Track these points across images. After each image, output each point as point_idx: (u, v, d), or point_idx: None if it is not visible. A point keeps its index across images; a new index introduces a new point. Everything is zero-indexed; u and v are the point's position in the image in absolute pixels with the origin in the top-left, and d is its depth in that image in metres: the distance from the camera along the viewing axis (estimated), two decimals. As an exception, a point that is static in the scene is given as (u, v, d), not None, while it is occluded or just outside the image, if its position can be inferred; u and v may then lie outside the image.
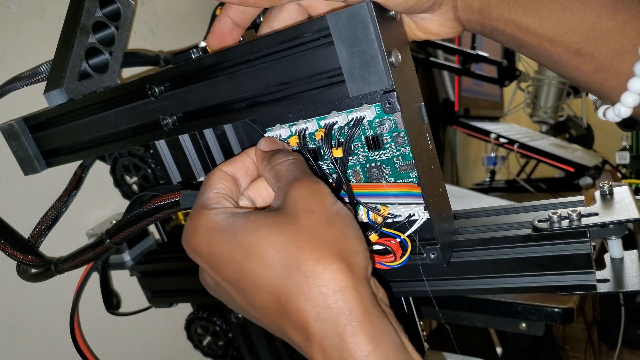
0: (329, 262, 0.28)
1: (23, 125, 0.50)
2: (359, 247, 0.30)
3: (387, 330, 0.28)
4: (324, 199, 0.30)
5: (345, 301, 0.27)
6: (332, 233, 0.29)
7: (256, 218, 0.30)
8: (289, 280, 0.28)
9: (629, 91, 0.31)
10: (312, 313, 0.27)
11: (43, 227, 0.56)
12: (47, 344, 0.58)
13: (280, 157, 0.33)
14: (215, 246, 0.30)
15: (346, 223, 0.30)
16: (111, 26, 0.52)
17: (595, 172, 1.31)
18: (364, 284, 0.28)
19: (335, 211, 0.30)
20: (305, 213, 0.29)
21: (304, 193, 0.30)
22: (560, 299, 0.68)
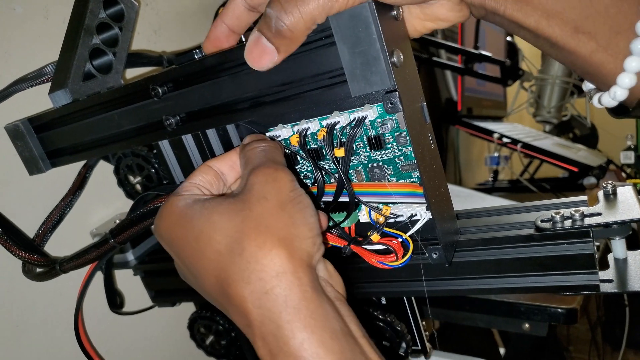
0: (269, 248, 0.28)
1: (28, 125, 0.50)
2: (306, 233, 0.30)
3: (326, 317, 0.28)
4: (281, 186, 0.30)
5: (282, 287, 0.27)
6: (280, 219, 0.29)
7: (211, 204, 0.30)
8: (232, 266, 0.28)
9: (625, 71, 0.32)
10: (250, 298, 0.28)
11: (48, 227, 0.56)
12: (51, 342, 0.58)
13: (253, 144, 0.34)
14: (174, 230, 0.31)
15: (299, 210, 0.30)
16: (115, 27, 0.52)
17: (599, 172, 1.31)
18: (305, 270, 0.28)
19: (290, 198, 0.30)
20: (258, 199, 0.29)
21: (262, 180, 0.30)
22: (564, 300, 0.68)
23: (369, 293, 0.44)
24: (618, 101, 0.33)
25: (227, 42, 0.38)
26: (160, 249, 0.64)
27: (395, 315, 0.53)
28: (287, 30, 0.30)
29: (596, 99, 0.35)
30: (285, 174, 0.31)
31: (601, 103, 0.35)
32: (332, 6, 0.29)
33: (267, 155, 0.33)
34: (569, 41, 0.32)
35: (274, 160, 0.32)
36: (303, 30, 0.30)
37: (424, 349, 0.53)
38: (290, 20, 0.29)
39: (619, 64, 0.32)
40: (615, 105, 0.34)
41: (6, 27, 0.54)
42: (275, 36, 0.31)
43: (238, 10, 0.36)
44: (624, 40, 0.31)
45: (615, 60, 0.32)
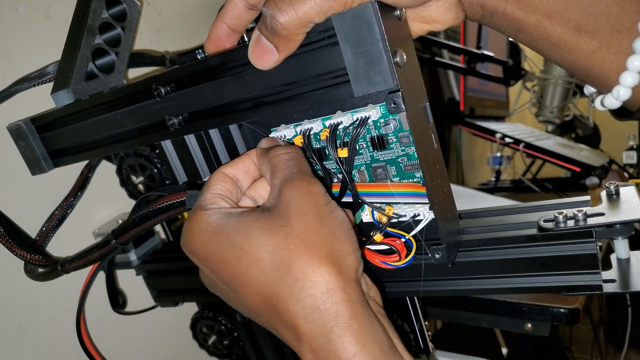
0: (317, 265, 0.28)
1: (30, 125, 0.50)
2: (349, 248, 0.30)
3: (375, 331, 0.28)
4: (317, 200, 0.30)
5: (333, 303, 0.28)
6: (322, 235, 0.29)
7: (248, 220, 0.30)
8: (280, 283, 0.29)
9: (628, 70, 0.31)
10: (301, 314, 0.28)
11: (50, 227, 0.56)
12: (53, 342, 0.59)
13: (278, 150, 0.33)
14: (209, 247, 0.31)
15: (338, 224, 0.30)
16: (117, 27, 0.52)
17: (601, 172, 1.31)
18: (352, 285, 0.29)
19: (327, 212, 0.30)
20: (297, 215, 0.29)
21: (298, 194, 0.30)
22: (566, 300, 0.68)
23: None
24: (621, 101, 0.33)
25: (229, 41, 0.38)
26: (163, 249, 0.64)
27: (398, 315, 0.53)
28: (282, 29, 0.30)
29: (598, 102, 0.35)
30: (318, 186, 0.31)
31: (604, 105, 0.34)
32: (330, 6, 0.29)
33: (297, 164, 0.32)
34: (571, 40, 0.32)
35: (304, 171, 0.32)
36: (298, 29, 0.30)
37: (427, 349, 0.53)
38: (285, 19, 0.29)
39: (622, 63, 0.32)
40: (618, 106, 0.34)
41: (9, 27, 0.54)
42: (272, 35, 0.31)
43: (238, 9, 0.36)
44: (626, 39, 0.31)
45: (617, 59, 0.32)
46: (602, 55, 0.32)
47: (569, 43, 0.33)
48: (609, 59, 0.32)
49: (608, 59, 0.32)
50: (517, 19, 0.33)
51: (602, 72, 0.33)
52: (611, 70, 0.32)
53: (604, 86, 0.34)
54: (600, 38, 0.32)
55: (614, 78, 0.32)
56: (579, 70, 0.34)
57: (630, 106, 0.34)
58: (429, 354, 0.54)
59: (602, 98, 0.34)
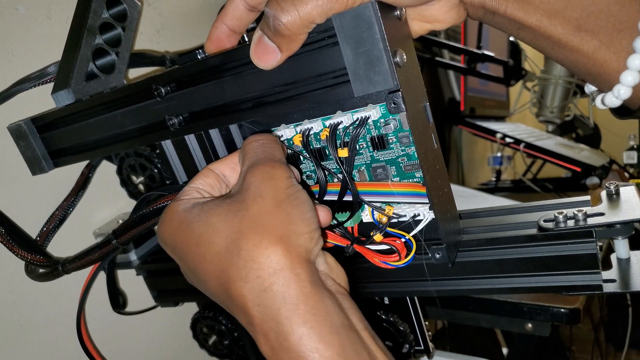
0: (265, 246, 0.28)
1: (31, 125, 0.50)
2: (303, 229, 0.30)
3: (326, 312, 0.28)
4: (277, 184, 0.30)
5: (280, 284, 0.28)
6: (277, 217, 0.29)
7: (209, 206, 0.31)
8: (231, 266, 0.29)
9: (629, 69, 0.31)
10: (250, 297, 0.28)
11: (50, 227, 0.56)
12: (54, 342, 0.59)
13: (250, 139, 0.34)
14: (175, 236, 0.32)
15: (296, 206, 0.30)
16: (118, 27, 0.52)
17: (602, 172, 1.31)
18: (303, 265, 0.28)
19: (286, 195, 0.30)
20: (254, 198, 0.29)
21: (258, 178, 0.30)
22: (567, 300, 0.68)
23: (372, 293, 0.44)
24: (622, 100, 0.33)
25: (229, 42, 0.38)
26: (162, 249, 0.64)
27: (398, 315, 0.53)
28: (284, 29, 0.30)
29: (599, 100, 0.35)
30: (281, 170, 0.31)
31: (604, 104, 0.34)
32: (332, 7, 0.29)
33: (265, 150, 0.33)
34: (571, 39, 0.32)
35: (272, 156, 0.32)
36: (301, 29, 0.30)
37: (427, 349, 0.53)
38: (288, 19, 0.29)
39: (622, 62, 0.32)
40: (619, 104, 0.34)
41: (9, 27, 0.54)
42: (275, 35, 0.31)
43: (238, 10, 0.36)
44: (627, 38, 0.31)
45: (618, 58, 0.32)
46: (602, 54, 0.32)
47: (569, 42, 0.33)
48: (610, 58, 0.32)
49: (608, 58, 0.32)
50: (518, 18, 0.33)
51: (602, 71, 0.33)
52: (612, 69, 0.32)
53: (605, 85, 0.34)
54: (601, 37, 0.32)
55: (614, 77, 0.32)
56: (579, 69, 0.34)
57: (631, 104, 0.34)
58: (429, 354, 0.54)
59: (603, 97, 0.34)
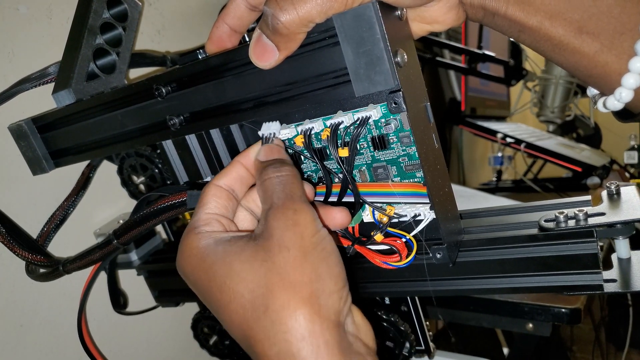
0: (294, 308, 0.27)
1: (32, 125, 0.50)
2: (332, 287, 0.28)
3: None
4: (302, 232, 0.29)
5: (308, 351, 0.27)
6: (304, 273, 0.28)
7: (233, 249, 0.29)
8: (257, 323, 0.28)
9: (630, 72, 0.31)
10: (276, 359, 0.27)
11: (51, 227, 0.56)
12: (55, 342, 0.59)
13: (270, 172, 0.32)
14: (197, 274, 0.31)
15: (323, 259, 0.29)
16: (118, 27, 0.52)
17: (602, 172, 1.31)
18: (332, 330, 0.28)
19: (312, 246, 0.29)
20: (279, 249, 0.28)
21: (282, 225, 0.29)
22: (568, 300, 0.68)
23: (372, 293, 0.44)
24: (624, 103, 0.33)
25: (230, 41, 0.38)
26: (164, 249, 0.64)
27: (399, 315, 0.53)
28: (283, 28, 0.30)
29: (601, 103, 0.35)
30: (305, 215, 0.30)
31: (606, 107, 0.34)
32: (331, 6, 0.29)
33: (286, 189, 0.31)
34: (572, 42, 0.32)
35: (293, 196, 0.31)
36: (299, 28, 0.30)
37: (428, 349, 0.53)
38: (286, 18, 0.29)
39: (624, 65, 0.31)
40: (620, 107, 0.34)
41: (10, 27, 0.54)
42: (273, 34, 0.31)
43: (239, 10, 0.36)
44: (629, 41, 0.31)
45: (619, 61, 0.32)
46: (603, 56, 0.32)
47: (570, 44, 0.32)
48: (611, 61, 0.32)
49: (610, 60, 0.32)
50: (518, 20, 0.33)
51: (604, 74, 0.33)
52: (613, 72, 0.32)
53: (607, 88, 0.34)
54: (602, 40, 0.31)
55: (616, 80, 0.32)
56: (581, 71, 0.34)
57: (633, 107, 0.34)
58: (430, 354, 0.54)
59: (605, 100, 0.34)
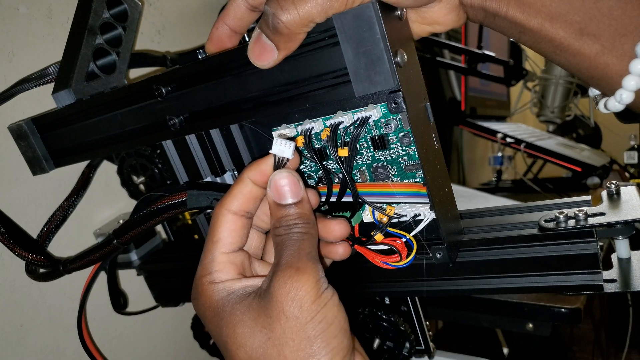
0: None
1: (32, 125, 0.50)
2: (324, 355, 0.28)
3: None
4: (301, 298, 0.28)
5: None
6: (299, 347, 0.28)
7: (241, 310, 0.30)
8: None
9: (631, 74, 0.31)
10: None
11: (51, 227, 0.56)
12: (55, 342, 0.59)
13: (281, 230, 0.31)
14: (210, 322, 0.31)
15: (321, 331, 0.29)
16: (118, 27, 0.52)
17: (603, 172, 1.31)
18: None
19: (310, 315, 0.29)
20: (278, 317, 0.29)
21: (283, 291, 0.29)
22: (568, 300, 0.68)
23: (372, 293, 0.44)
24: (624, 104, 0.33)
25: (230, 42, 0.38)
26: (164, 249, 0.64)
27: (399, 315, 0.53)
28: (283, 28, 0.30)
29: (602, 104, 0.35)
30: (307, 277, 0.29)
31: (607, 108, 0.34)
32: (332, 6, 0.29)
33: (295, 245, 0.31)
34: (573, 43, 0.32)
35: (300, 254, 0.30)
36: (300, 28, 0.30)
37: (428, 349, 0.53)
38: (287, 17, 0.29)
39: (625, 66, 0.31)
40: (621, 109, 0.33)
41: (10, 27, 0.54)
42: (273, 33, 0.31)
43: (239, 11, 0.36)
44: (629, 42, 0.31)
45: (620, 62, 0.32)
46: (604, 58, 0.32)
47: (571, 46, 0.32)
48: (612, 62, 0.32)
49: (611, 62, 0.32)
50: (519, 21, 0.33)
51: (605, 75, 0.33)
52: (614, 74, 0.32)
53: (608, 89, 0.34)
54: (603, 41, 0.31)
55: (617, 81, 0.32)
56: (582, 72, 0.34)
57: (635, 108, 0.34)
58: (430, 354, 0.54)
59: (606, 101, 0.34)
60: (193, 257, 0.57)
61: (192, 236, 0.61)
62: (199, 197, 0.39)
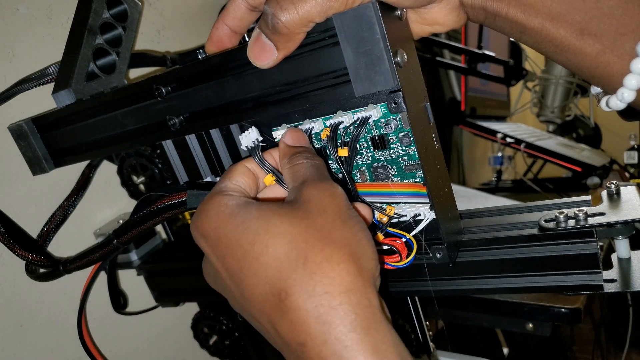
0: (337, 262, 0.26)
1: (32, 125, 0.50)
2: (371, 254, 0.28)
3: (394, 342, 0.26)
4: (339, 202, 0.29)
5: (352, 304, 0.25)
6: (344, 235, 0.27)
7: (269, 207, 0.29)
8: (293, 275, 0.26)
9: (633, 73, 0.31)
10: (314, 313, 0.25)
11: (51, 227, 0.56)
12: (55, 342, 0.59)
13: (301, 159, 0.32)
14: (222, 230, 0.29)
15: (360, 229, 0.29)
16: (118, 27, 0.52)
17: (602, 172, 1.30)
18: (372, 291, 0.27)
19: (349, 215, 0.29)
20: (318, 212, 0.28)
21: (319, 193, 0.29)
22: (568, 299, 0.68)
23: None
24: (626, 103, 0.33)
25: (230, 42, 0.38)
26: (164, 249, 0.64)
27: (399, 315, 0.53)
28: (283, 27, 0.30)
29: (604, 102, 0.35)
30: (340, 191, 0.30)
31: (609, 106, 0.34)
32: (331, 6, 0.29)
33: (319, 172, 0.31)
34: (574, 43, 0.32)
35: (326, 177, 0.31)
36: (299, 27, 0.30)
37: (428, 349, 0.53)
38: (286, 17, 0.29)
39: (626, 65, 0.31)
40: (623, 107, 0.34)
41: (10, 27, 0.54)
42: (273, 33, 0.31)
43: (240, 11, 0.36)
44: (630, 42, 0.31)
45: (621, 62, 0.32)
46: (606, 57, 0.32)
47: (572, 45, 0.32)
48: (613, 62, 0.32)
49: (612, 61, 0.32)
50: (519, 21, 0.33)
51: (606, 74, 0.33)
52: (616, 72, 0.32)
53: (610, 87, 0.34)
54: (604, 41, 0.31)
55: (618, 80, 0.32)
56: (583, 71, 0.34)
57: (637, 106, 0.34)
58: (430, 354, 0.54)
59: (608, 99, 0.34)
60: (193, 257, 0.57)
61: (192, 236, 0.61)
62: (199, 197, 0.39)
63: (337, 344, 0.25)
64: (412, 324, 0.53)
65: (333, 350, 0.25)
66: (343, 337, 0.25)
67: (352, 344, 0.25)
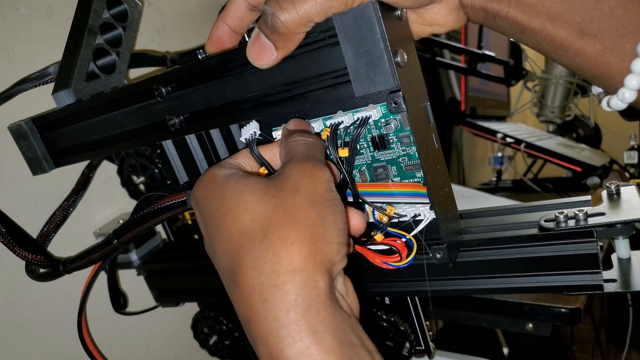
0: (291, 242, 0.26)
1: (32, 125, 0.50)
2: (333, 237, 0.28)
3: (337, 326, 0.26)
4: (317, 183, 0.29)
5: (295, 285, 0.26)
6: (309, 216, 0.27)
7: (247, 181, 0.29)
8: (249, 250, 0.27)
9: (633, 73, 0.31)
10: (258, 289, 0.26)
11: (51, 227, 0.56)
12: (55, 342, 0.59)
13: (295, 137, 0.32)
14: (207, 199, 0.30)
15: (331, 212, 0.28)
16: (118, 27, 0.52)
17: (602, 172, 1.30)
18: (323, 275, 0.27)
19: (324, 198, 0.28)
20: (291, 191, 0.28)
21: (299, 172, 0.29)
22: (568, 300, 0.68)
23: (372, 293, 0.44)
24: (627, 103, 0.33)
25: (230, 42, 0.38)
26: (164, 249, 0.64)
27: (399, 315, 0.53)
28: (282, 27, 0.30)
29: (605, 103, 0.35)
30: (323, 172, 0.30)
31: (610, 106, 0.34)
32: (331, 6, 0.29)
33: (309, 150, 0.31)
34: (575, 43, 0.32)
35: (314, 156, 0.31)
36: (298, 27, 0.30)
37: (428, 349, 0.53)
38: (286, 17, 0.29)
39: (626, 66, 0.31)
40: (624, 107, 0.34)
41: (10, 27, 0.54)
42: (272, 33, 0.31)
43: (240, 11, 0.36)
44: (631, 42, 0.31)
45: (622, 62, 0.32)
46: (606, 57, 0.32)
47: (572, 46, 0.32)
48: (614, 62, 0.32)
49: (612, 61, 0.32)
50: (520, 22, 0.33)
51: (607, 74, 0.33)
52: (616, 73, 0.32)
53: (610, 87, 0.34)
54: (604, 41, 0.31)
55: (619, 80, 0.32)
56: (584, 72, 0.34)
57: (638, 106, 0.34)
58: (430, 354, 0.54)
59: (609, 99, 0.34)
60: (193, 257, 0.57)
61: (192, 236, 0.61)
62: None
63: (274, 322, 0.25)
64: (413, 324, 0.53)
65: (270, 328, 0.25)
66: (281, 316, 0.25)
67: (288, 323, 0.25)
